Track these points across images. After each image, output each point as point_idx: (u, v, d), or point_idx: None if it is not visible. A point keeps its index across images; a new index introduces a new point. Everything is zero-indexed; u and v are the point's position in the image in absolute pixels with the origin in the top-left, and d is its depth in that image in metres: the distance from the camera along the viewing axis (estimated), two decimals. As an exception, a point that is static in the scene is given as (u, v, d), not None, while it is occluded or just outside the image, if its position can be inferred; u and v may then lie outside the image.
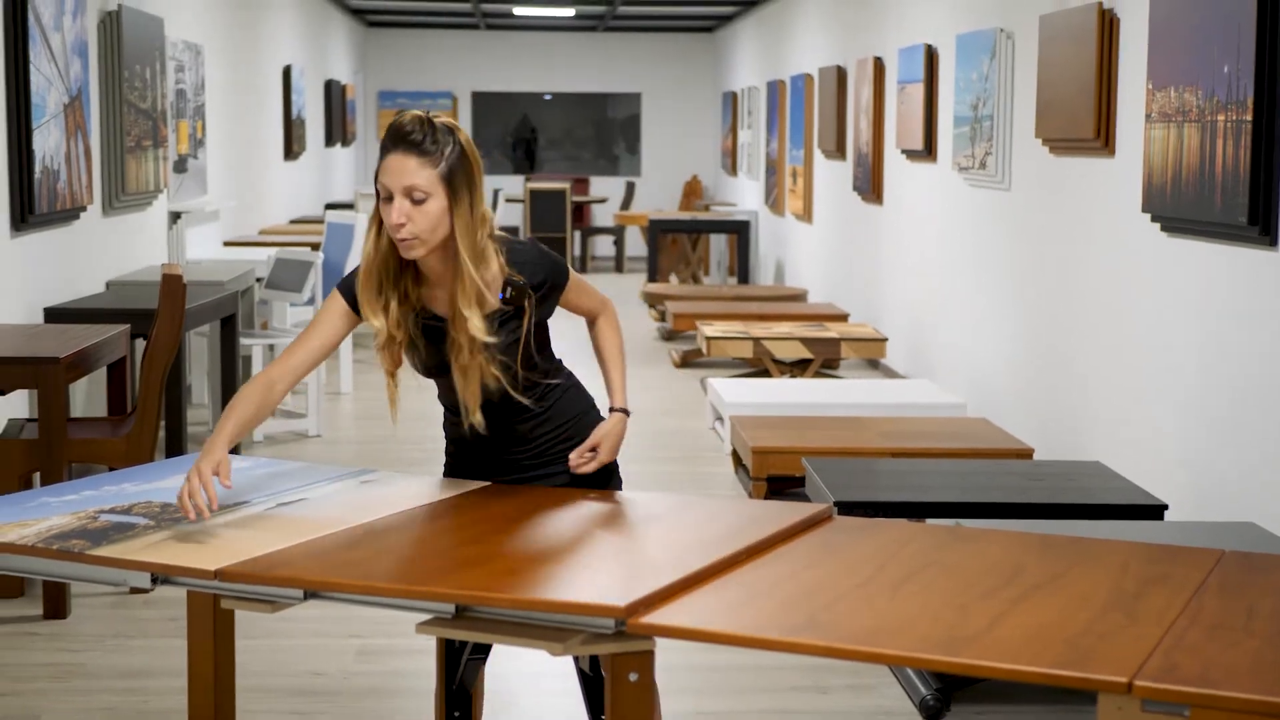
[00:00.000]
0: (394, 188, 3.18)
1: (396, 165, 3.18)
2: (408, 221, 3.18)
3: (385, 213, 3.21)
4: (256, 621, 4.94)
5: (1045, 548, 3.16)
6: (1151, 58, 5.41)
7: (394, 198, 3.18)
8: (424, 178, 3.17)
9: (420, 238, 3.20)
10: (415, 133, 3.18)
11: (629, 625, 2.63)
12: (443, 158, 3.20)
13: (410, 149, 3.18)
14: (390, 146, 3.20)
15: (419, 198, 3.18)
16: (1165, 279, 5.46)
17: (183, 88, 9.41)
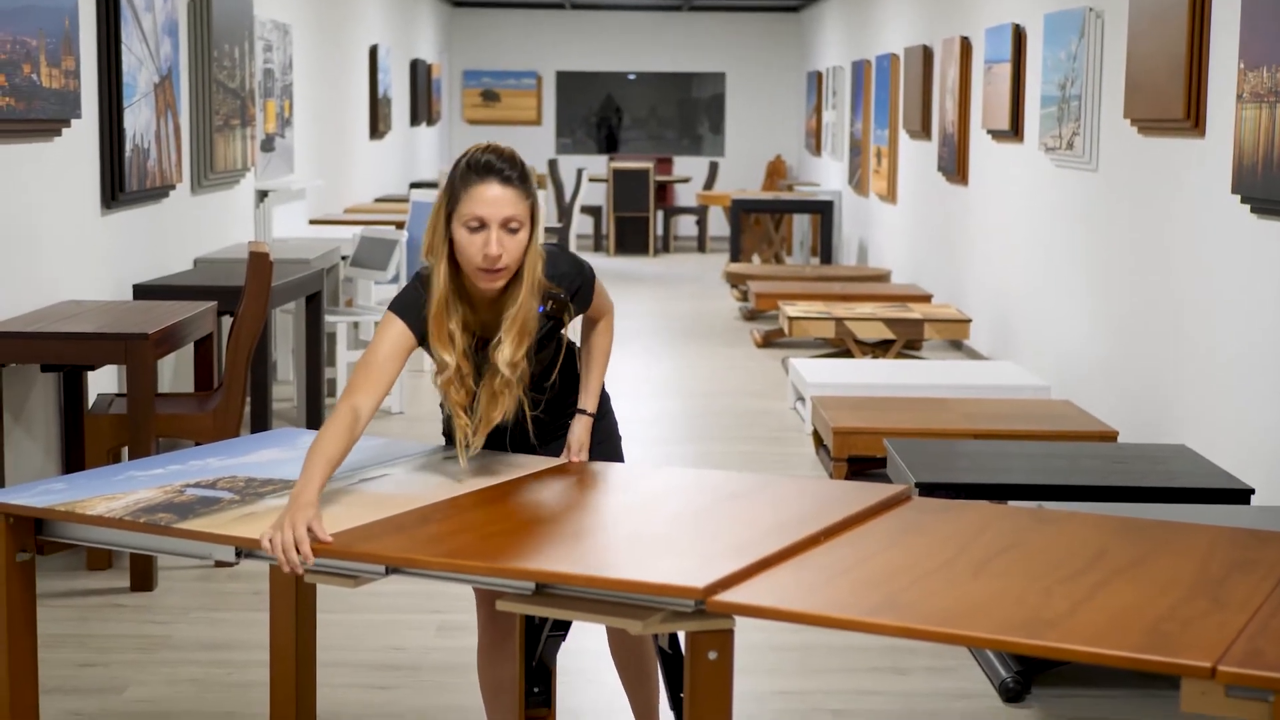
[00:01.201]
0: (492, 219, 3.22)
1: (495, 196, 3.22)
2: (504, 253, 3.23)
3: (473, 244, 3.23)
4: (339, 596, 4.99)
5: (1128, 531, 3.13)
6: (1244, 37, 5.34)
7: (486, 228, 3.22)
8: (519, 209, 3.24)
9: (509, 267, 3.26)
10: (506, 168, 3.24)
11: (709, 604, 2.64)
12: (530, 191, 3.28)
13: (506, 182, 3.23)
14: (480, 177, 3.24)
15: (514, 228, 3.24)
16: (1254, 261, 5.39)
17: (270, 67, 9.48)
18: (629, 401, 9.06)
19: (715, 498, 3.36)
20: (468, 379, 3.33)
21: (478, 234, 3.22)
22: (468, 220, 3.23)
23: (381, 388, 3.25)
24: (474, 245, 3.23)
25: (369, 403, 3.22)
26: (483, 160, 3.24)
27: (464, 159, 3.28)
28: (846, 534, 3.03)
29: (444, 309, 3.28)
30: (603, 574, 2.74)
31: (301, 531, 2.91)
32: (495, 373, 3.30)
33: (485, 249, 3.21)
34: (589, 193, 18.85)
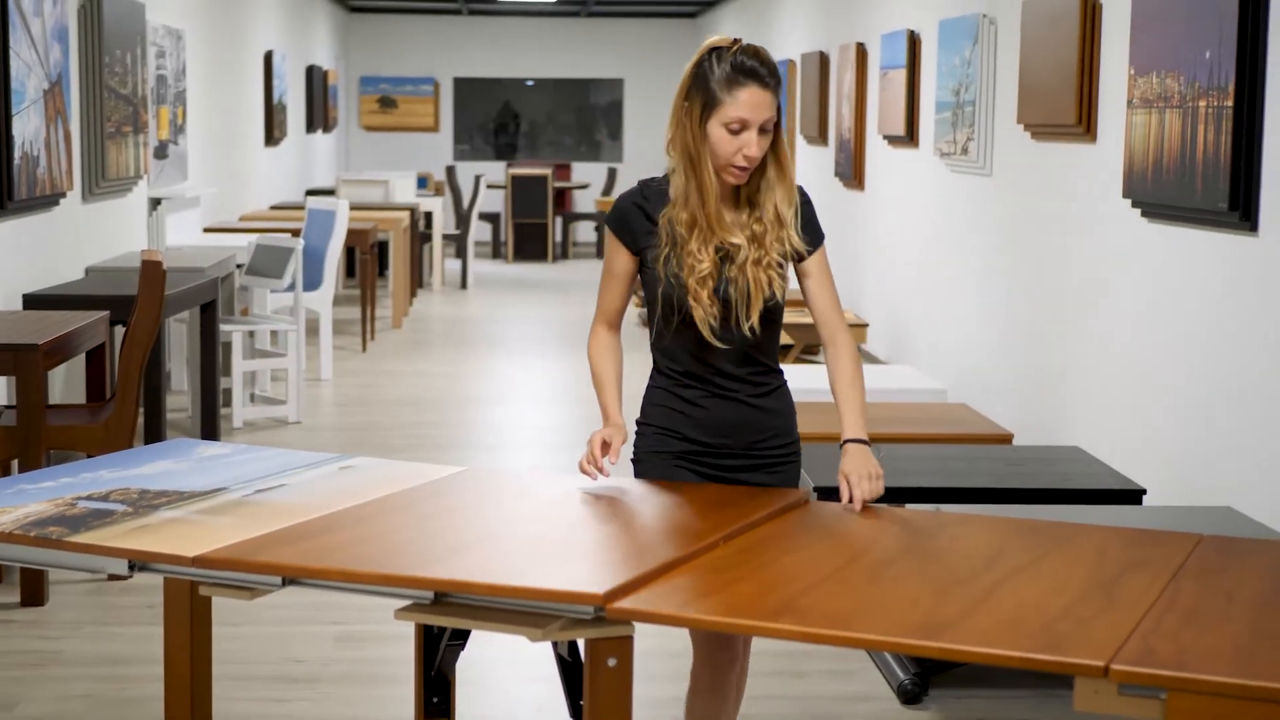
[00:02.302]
0: (754, 121, 3.28)
1: (758, 100, 3.28)
2: (759, 152, 3.30)
3: (729, 144, 3.28)
4: (235, 608, 4.93)
5: (1023, 533, 3.16)
6: (1134, 43, 5.41)
7: (749, 129, 3.27)
8: (774, 110, 3.32)
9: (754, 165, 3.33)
10: (766, 72, 3.30)
11: (608, 611, 2.63)
12: (780, 89, 3.35)
13: (764, 85, 3.29)
14: (745, 80, 3.28)
15: (768, 128, 3.31)
16: (1145, 264, 5.47)
17: (163, 73, 9.37)
18: (529, 407, 9.04)
19: (615, 504, 3.35)
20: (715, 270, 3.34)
21: (738, 135, 3.28)
22: (730, 122, 3.28)
23: (619, 291, 3.50)
24: (733, 145, 3.28)
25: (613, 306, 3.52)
26: (747, 65, 3.29)
27: (720, 59, 3.29)
28: (745, 539, 3.04)
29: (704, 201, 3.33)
30: (502, 581, 2.73)
31: (597, 450, 3.34)
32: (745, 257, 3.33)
33: (744, 150, 3.28)
34: (487, 199, 18.82)
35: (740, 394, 3.43)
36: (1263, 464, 4.55)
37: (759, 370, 3.45)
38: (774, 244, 3.35)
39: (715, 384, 3.42)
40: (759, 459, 3.46)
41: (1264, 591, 2.75)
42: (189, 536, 2.96)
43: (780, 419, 3.49)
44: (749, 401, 3.44)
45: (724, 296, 3.34)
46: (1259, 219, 4.60)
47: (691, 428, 3.44)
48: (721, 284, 3.34)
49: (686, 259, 3.34)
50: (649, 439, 3.50)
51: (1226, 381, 4.80)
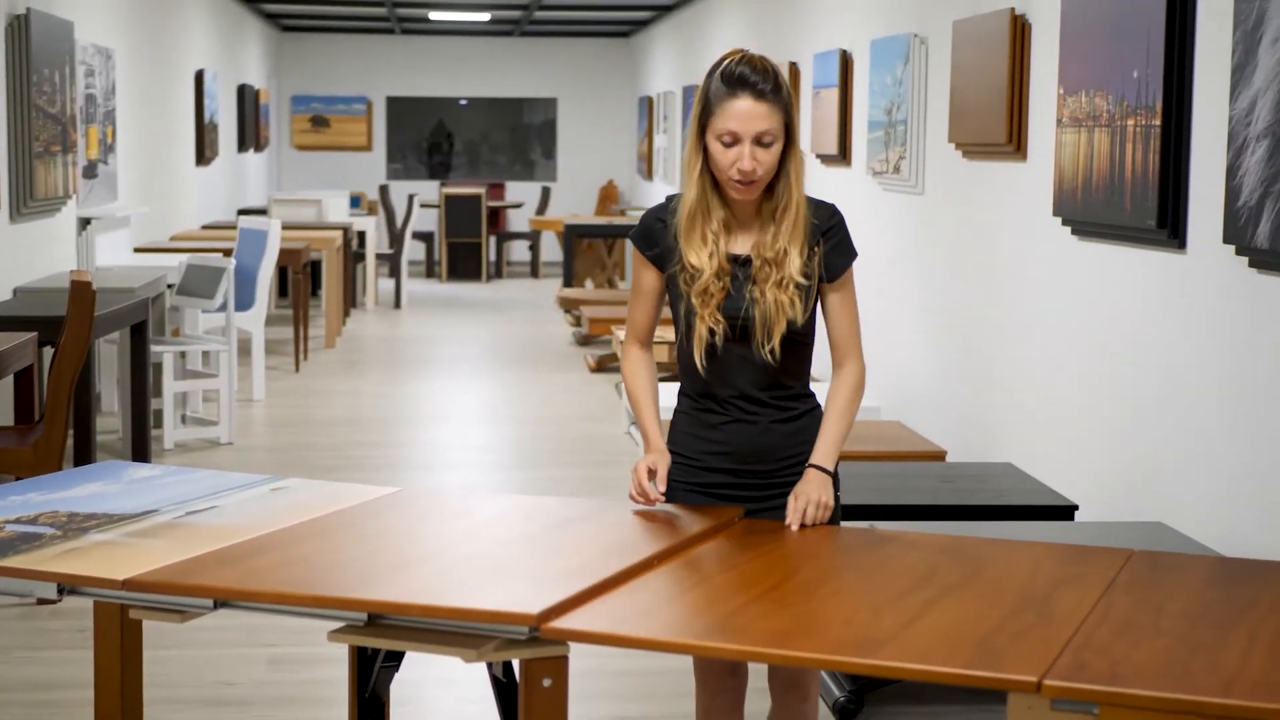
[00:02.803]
0: (745, 134, 3.22)
1: (747, 111, 3.22)
2: (757, 166, 3.23)
3: (725, 156, 3.24)
4: (167, 631, 4.89)
5: (957, 550, 3.18)
6: (1063, 63, 5.46)
7: (741, 142, 3.22)
8: (773, 122, 3.23)
9: (763, 179, 3.27)
10: (761, 81, 3.24)
11: (543, 631, 2.62)
12: (784, 102, 3.26)
13: (759, 96, 3.23)
14: (734, 91, 3.23)
15: (767, 141, 3.24)
16: (1076, 282, 5.51)
17: (93, 92, 9.30)
18: (463, 427, 9.02)
19: (549, 523, 3.35)
20: (725, 280, 3.29)
21: (731, 148, 3.23)
22: (720, 134, 3.24)
23: (648, 309, 3.44)
24: (727, 159, 3.24)
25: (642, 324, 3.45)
26: (736, 72, 3.25)
27: (718, 68, 3.27)
28: (679, 558, 3.04)
29: (699, 214, 3.30)
30: (436, 602, 2.71)
31: (643, 475, 3.29)
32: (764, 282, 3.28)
33: (738, 164, 3.22)
34: (421, 218, 18.77)
35: (763, 419, 3.36)
36: (1193, 480, 4.59)
37: (784, 394, 3.38)
38: (803, 269, 3.29)
39: (737, 407, 3.35)
40: (787, 486, 3.37)
41: (1194, 605, 2.77)
42: (119, 559, 2.93)
43: (807, 446, 3.38)
44: (773, 426, 3.36)
45: (745, 317, 3.29)
46: (1187, 236, 4.64)
47: (715, 455, 3.37)
48: (744, 304, 3.29)
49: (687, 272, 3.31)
50: (677, 468, 3.43)
51: (1157, 398, 4.85)
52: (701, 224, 3.29)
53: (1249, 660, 2.44)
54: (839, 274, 3.37)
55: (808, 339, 3.40)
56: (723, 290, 3.29)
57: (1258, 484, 4.22)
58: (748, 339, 3.30)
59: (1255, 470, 4.23)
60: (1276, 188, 4.01)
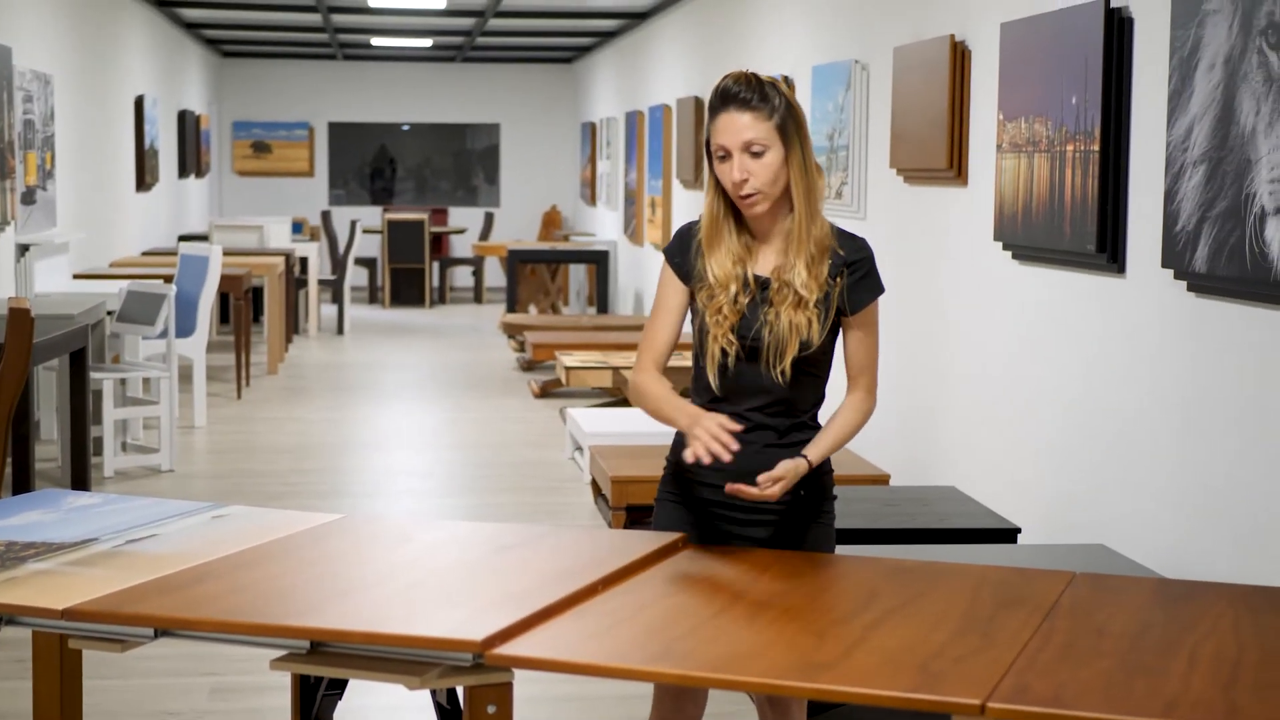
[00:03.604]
0: (732, 145, 3.23)
1: (731, 123, 3.23)
2: (749, 177, 3.22)
3: (723, 173, 3.26)
4: (107, 661, 4.84)
5: (899, 573, 3.19)
6: (1002, 89, 5.50)
7: (732, 155, 3.23)
8: (760, 130, 3.22)
9: (763, 191, 3.24)
10: (743, 91, 3.23)
11: (487, 657, 2.61)
12: (774, 110, 3.24)
13: (742, 106, 3.23)
14: (720, 106, 3.25)
15: (757, 150, 3.22)
16: (1017, 306, 5.55)
17: (31, 118, 9.23)
18: (406, 453, 8.98)
19: (492, 549, 3.34)
20: (740, 298, 3.27)
21: (725, 163, 3.25)
22: (716, 151, 3.26)
23: (668, 329, 3.36)
24: (724, 174, 3.25)
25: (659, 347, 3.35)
26: (721, 88, 3.26)
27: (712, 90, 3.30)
28: (624, 583, 3.03)
29: (713, 237, 3.30)
30: (379, 629, 2.70)
31: (714, 427, 3.10)
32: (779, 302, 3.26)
33: (731, 176, 3.23)
34: (363, 244, 18.71)
35: (762, 440, 3.32)
36: (1134, 502, 4.62)
37: (791, 422, 3.35)
38: (813, 284, 3.29)
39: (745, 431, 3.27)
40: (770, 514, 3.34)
41: (1135, 626, 2.79)
42: (58, 588, 2.91)
43: (811, 476, 3.33)
44: (768, 450, 3.31)
45: (756, 338, 3.28)
46: (1126, 261, 4.68)
47: (709, 469, 3.28)
48: (757, 325, 3.28)
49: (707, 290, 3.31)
50: (669, 478, 3.43)
51: (1098, 421, 4.88)
52: (724, 240, 3.31)
53: (1190, 681, 2.46)
54: (861, 308, 3.41)
55: (821, 370, 3.40)
56: (738, 311, 3.28)
57: (1198, 506, 4.25)
58: (760, 360, 3.30)
59: (1196, 492, 4.27)
60: (1214, 212, 4.05)
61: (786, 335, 3.27)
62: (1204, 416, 4.22)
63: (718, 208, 3.32)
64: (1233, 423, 4.08)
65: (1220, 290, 4.11)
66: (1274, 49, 3.82)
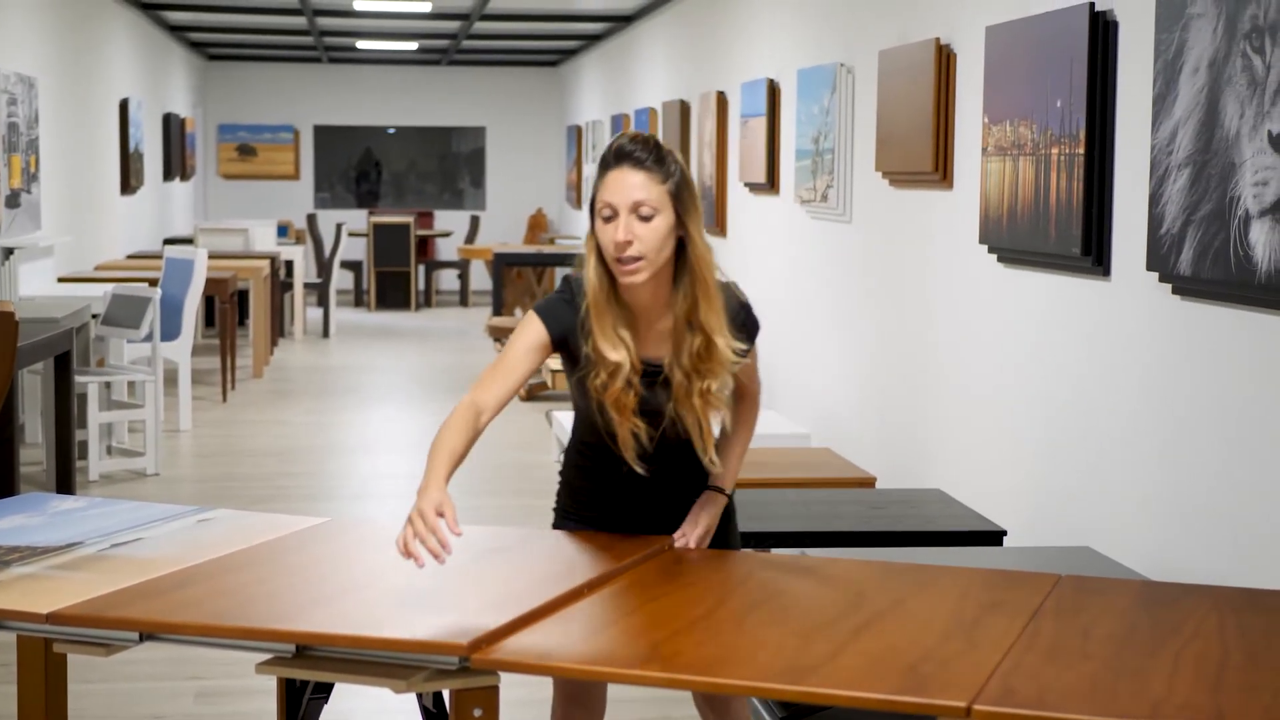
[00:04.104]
0: (620, 204, 3.04)
1: (622, 180, 3.05)
2: (634, 240, 3.03)
3: (605, 233, 3.06)
4: (93, 665, 4.83)
5: (886, 576, 3.19)
6: (987, 92, 5.51)
7: (618, 215, 3.05)
8: (653, 193, 3.04)
9: (647, 258, 3.04)
10: (639, 150, 3.07)
11: (473, 661, 2.61)
12: (669, 175, 3.08)
13: (636, 164, 3.05)
14: (613, 163, 3.07)
15: (646, 214, 3.04)
16: (1002, 309, 5.55)
17: (15, 121, 9.21)
18: (392, 457, 8.98)
19: (478, 553, 3.33)
20: (636, 382, 3.08)
21: (610, 223, 3.05)
22: (601, 209, 3.06)
23: (510, 384, 3.04)
24: (606, 235, 3.05)
25: (492, 398, 3.01)
26: (615, 146, 3.08)
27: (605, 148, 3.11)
28: (610, 586, 3.03)
29: (605, 304, 3.07)
30: (365, 633, 2.70)
31: (433, 521, 2.75)
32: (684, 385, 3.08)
33: (614, 235, 3.03)
34: (349, 247, 18.70)
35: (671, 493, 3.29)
36: (1120, 505, 4.63)
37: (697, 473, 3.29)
38: (718, 369, 3.11)
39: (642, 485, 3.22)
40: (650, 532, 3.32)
41: (1121, 629, 2.79)
42: (43, 592, 2.90)
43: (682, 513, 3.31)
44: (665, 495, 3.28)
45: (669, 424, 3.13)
46: (1111, 264, 4.69)
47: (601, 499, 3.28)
48: (663, 404, 3.12)
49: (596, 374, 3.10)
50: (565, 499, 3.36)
51: (1083, 424, 4.89)
52: (610, 315, 3.08)
53: (1175, 684, 2.46)
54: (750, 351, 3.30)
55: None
56: (636, 397, 3.10)
57: (1183, 508, 4.26)
58: (674, 437, 3.16)
59: (1180, 494, 4.27)
60: (1198, 215, 4.06)
61: (705, 429, 3.13)
62: (1190, 419, 4.23)
63: (601, 277, 3.09)
64: (1218, 425, 4.09)
65: (1205, 293, 4.11)
66: (1258, 52, 3.83)
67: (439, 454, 2.92)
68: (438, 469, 2.88)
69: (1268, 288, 3.78)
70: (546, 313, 3.13)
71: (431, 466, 2.89)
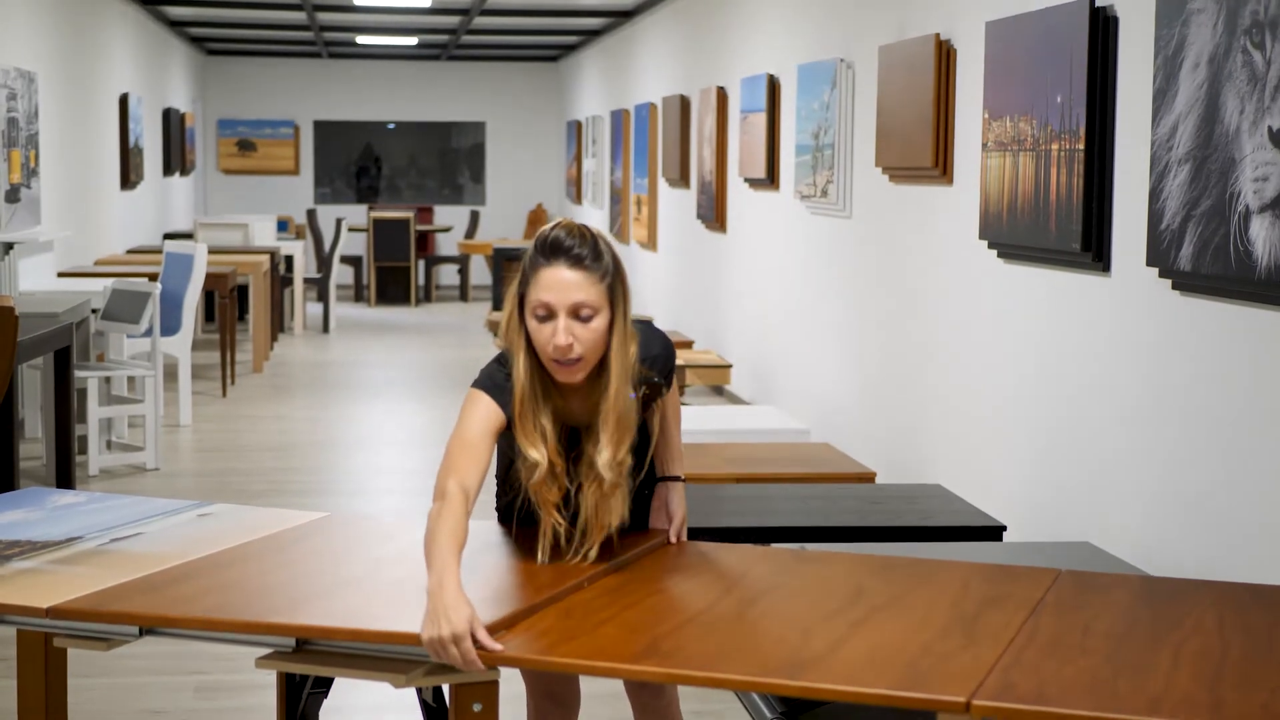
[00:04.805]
0: (560, 306, 2.93)
1: (559, 280, 2.94)
2: (575, 342, 2.95)
3: (541, 334, 2.96)
4: (92, 660, 4.83)
5: (885, 570, 3.19)
6: (987, 88, 5.51)
7: (554, 316, 2.95)
8: (592, 293, 2.95)
9: (586, 359, 2.98)
10: (577, 246, 2.95)
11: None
12: (606, 271, 2.98)
13: (574, 263, 2.94)
14: (547, 260, 2.96)
15: (586, 315, 2.95)
16: (1002, 305, 5.55)
17: (15, 115, 9.21)
18: (392, 452, 8.98)
19: (477, 547, 3.33)
20: (561, 476, 3.03)
21: (546, 323, 2.95)
22: (535, 308, 2.95)
23: (482, 465, 2.93)
24: (543, 335, 2.95)
25: (474, 480, 2.91)
26: (550, 238, 2.96)
27: (536, 237, 2.99)
28: (610, 580, 3.03)
29: (529, 402, 2.99)
30: (365, 626, 2.70)
31: (469, 649, 2.58)
32: (599, 477, 3.01)
33: (554, 339, 2.94)
34: (349, 243, 18.69)
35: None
36: (1119, 500, 4.63)
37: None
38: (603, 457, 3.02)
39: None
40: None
41: (1120, 624, 2.80)
42: (43, 587, 2.90)
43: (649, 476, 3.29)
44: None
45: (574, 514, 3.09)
46: (1111, 260, 4.69)
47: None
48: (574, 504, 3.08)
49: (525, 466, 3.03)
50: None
51: (1083, 419, 4.89)
52: (532, 414, 3.00)
53: (1174, 679, 2.46)
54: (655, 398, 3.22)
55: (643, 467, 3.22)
56: (560, 489, 3.05)
57: (1183, 504, 4.26)
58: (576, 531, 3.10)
59: (1180, 490, 4.28)
60: (1198, 211, 4.06)
61: (593, 521, 3.07)
62: (1189, 414, 4.23)
63: (531, 374, 3.00)
64: (1218, 420, 4.09)
65: (1205, 289, 4.12)
66: (1258, 48, 3.83)
67: (446, 549, 2.77)
68: (450, 568, 2.72)
69: (1267, 283, 3.78)
70: (494, 391, 3.03)
71: (443, 564, 2.73)
